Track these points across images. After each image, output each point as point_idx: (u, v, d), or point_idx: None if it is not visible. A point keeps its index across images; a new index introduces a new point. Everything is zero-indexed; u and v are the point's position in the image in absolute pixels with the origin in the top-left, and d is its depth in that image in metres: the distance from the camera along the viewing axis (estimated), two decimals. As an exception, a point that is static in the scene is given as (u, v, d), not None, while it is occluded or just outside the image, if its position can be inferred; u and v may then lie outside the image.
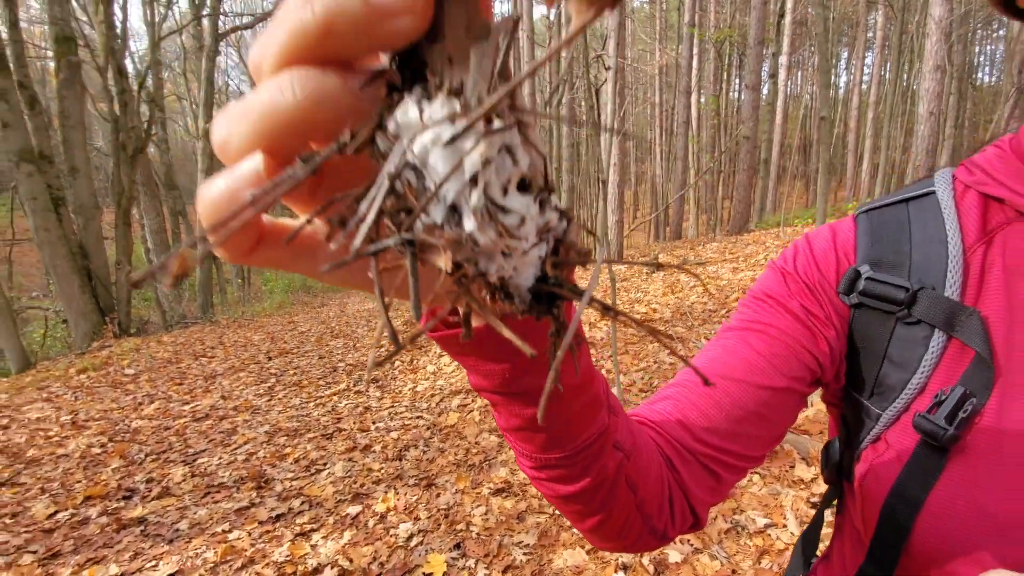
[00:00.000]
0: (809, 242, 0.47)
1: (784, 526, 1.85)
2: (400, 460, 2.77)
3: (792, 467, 2.16)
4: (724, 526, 1.88)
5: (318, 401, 3.98)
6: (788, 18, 12.96)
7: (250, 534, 2.19)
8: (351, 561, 1.95)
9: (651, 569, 1.73)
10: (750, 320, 0.46)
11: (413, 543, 2.03)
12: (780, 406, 0.44)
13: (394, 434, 3.11)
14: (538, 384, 0.27)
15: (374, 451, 2.92)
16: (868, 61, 22.10)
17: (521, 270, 0.15)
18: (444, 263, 0.14)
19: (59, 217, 6.72)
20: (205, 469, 2.89)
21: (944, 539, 0.36)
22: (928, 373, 0.38)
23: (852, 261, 0.43)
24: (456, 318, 0.18)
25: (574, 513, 0.38)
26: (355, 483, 2.57)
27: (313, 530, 2.19)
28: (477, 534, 2.04)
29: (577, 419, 0.31)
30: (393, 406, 3.63)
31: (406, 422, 3.29)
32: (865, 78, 21.07)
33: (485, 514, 2.16)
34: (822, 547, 0.56)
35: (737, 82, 20.43)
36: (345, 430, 3.29)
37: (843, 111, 23.49)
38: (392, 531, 2.12)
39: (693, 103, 15.34)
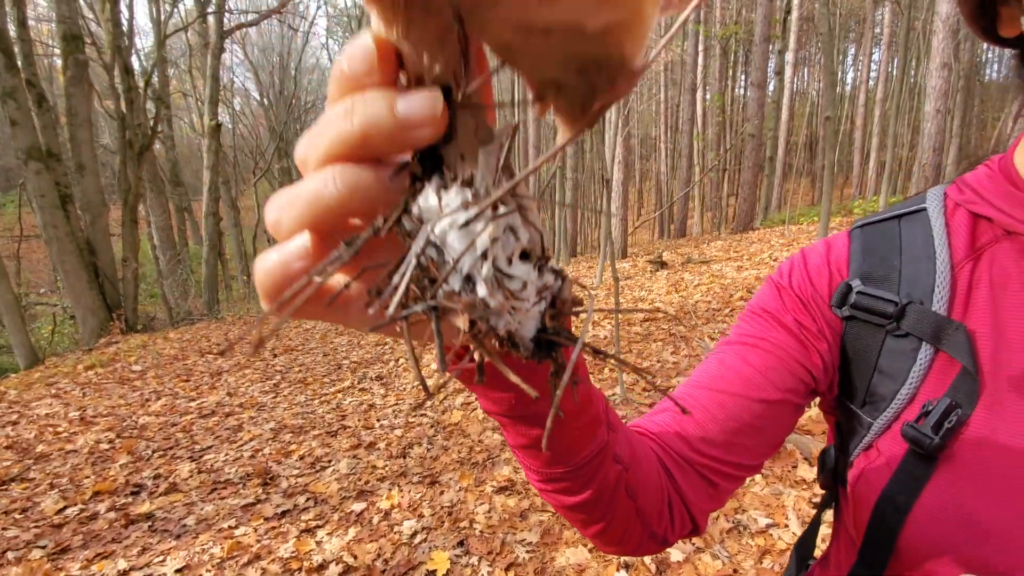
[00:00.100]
0: (804, 257, 0.48)
1: (786, 526, 1.85)
2: (404, 458, 2.80)
3: (795, 467, 2.17)
4: (726, 525, 1.89)
5: (323, 398, 4.01)
6: (795, 14, 12.87)
7: (256, 530, 2.21)
8: (356, 558, 1.97)
9: (653, 568, 1.74)
10: (747, 335, 0.48)
11: (417, 540, 2.05)
12: (775, 417, 0.45)
13: (398, 431, 3.13)
14: (542, 410, 0.29)
15: (378, 448, 2.94)
16: (875, 58, 21.95)
17: (525, 324, 0.18)
18: (462, 323, 0.17)
19: (67, 214, 6.78)
20: (211, 465, 2.92)
21: (930, 543, 0.37)
22: (916, 384, 0.40)
23: (845, 275, 0.45)
24: (471, 357, 0.21)
25: (579, 521, 0.40)
26: (360, 480, 2.59)
27: (318, 527, 2.22)
28: (480, 532, 2.06)
29: (577, 438, 0.34)
30: (397, 404, 3.65)
31: (410, 420, 3.31)
32: (872, 75, 20.94)
33: (488, 512, 2.17)
34: (823, 550, 0.57)
35: (743, 79, 20.31)
36: (350, 427, 3.32)
37: (850, 108, 23.32)
38: (396, 528, 2.14)
39: (698, 100, 15.28)
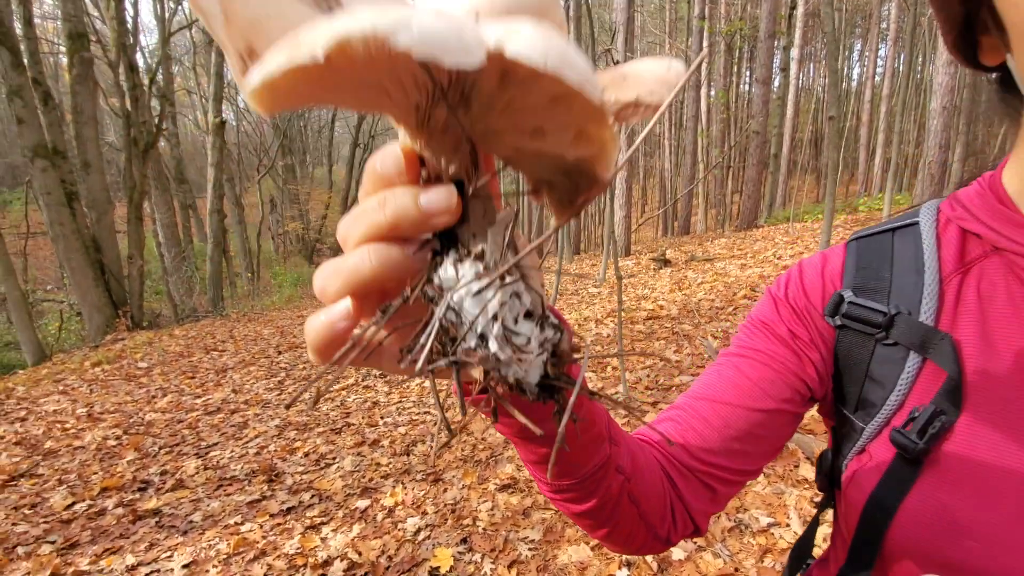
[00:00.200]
0: (801, 270, 0.50)
1: (787, 525, 1.86)
2: (408, 455, 2.82)
3: (796, 467, 2.17)
4: (728, 524, 1.90)
5: (327, 396, 4.03)
6: (800, 10, 12.79)
7: (262, 526, 2.24)
8: (360, 554, 1.99)
9: (655, 566, 1.76)
10: (744, 346, 0.50)
11: (420, 537, 2.07)
12: (771, 426, 0.47)
13: (402, 429, 3.15)
14: (549, 431, 0.32)
15: (382, 446, 2.96)
16: (881, 54, 21.77)
17: (530, 372, 0.21)
18: (478, 374, 0.21)
19: (73, 211, 6.82)
20: (217, 462, 2.95)
21: (915, 543, 0.39)
22: (905, 391, 0.41)
23: (839, 286, 0.46)
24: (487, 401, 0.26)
25: (587, 525, 0.44)
26: (364, 477, 2.61)
27: (323, 523, 2.24)
28: (483, 529, 2.07)
29: (581, 454, 0.37)
30: (401, 401, 3.67)
31: (413, 417, 3.33)
32: (878, 71, 20.75)
33: (491, 509, 2.19)
34: (824, 549, 0.58)
35: (748, 75, 20.19)
36: (354, 425, 3.34)
37: (855, 104, 23.17)
38: (400, 525, 2.16)
39: (703, 97, 15.21)
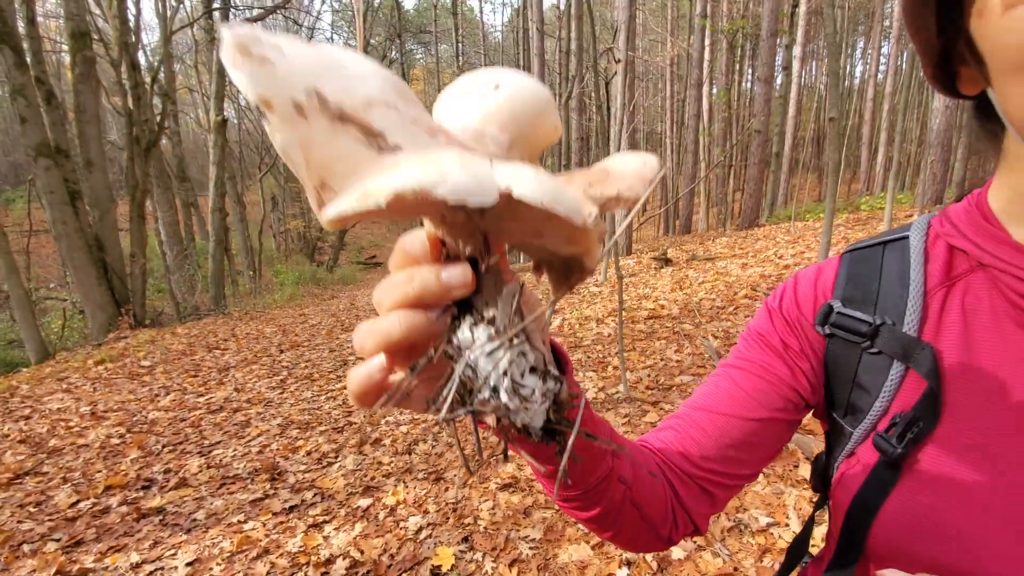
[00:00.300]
0: (796, 282, 0.52)
1: (787, 525, 1.87)
2: (409, 454, 2.83)
3: (796, 467, 2.19)
4: (727, 524, 1.91)
5: (329, 394, 4.06)
6: (803, 8, 12.74)
7: (265, 525, 2.26)
8: (362, 553, 2.01)
9: (654, 566, 1.77)
10: (741, 357, 0.53)
11: (422, 536, 2.09)
12: (765, 433, 0.50)
13: (403, 428, 3.17)
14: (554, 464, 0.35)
15: (384, 445, 2.98)
16: (884, 51, 21.69)
17: (535, 418, 0.25)
18: (491, 420, 0.25)
19: (75, 210, 6.84)
20: (220, 460, 2.97)
21: (894, 543, 0.41)
22: (889, 398, 0.44)
23: (829, 297, 0.49)
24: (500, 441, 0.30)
25: (594, 528, 0.48)
26: (366, 476, 2.63)
27: (325, 522, 2.26)
28: (485, 528, 2.09)
29: (584, 471, 0.41)
30: (402, 400, 3.68)
31: (415, 416, 3.35)
32: (881, 69, 20.67)
33: (492, 508, 2.20)
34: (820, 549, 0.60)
35: (750, 73, 20.13)
36: (356, 423, 3.36)
37: (858, 103, 23.09)
38: (402, 524, 2.18)
39: (704, 95, 15.18)
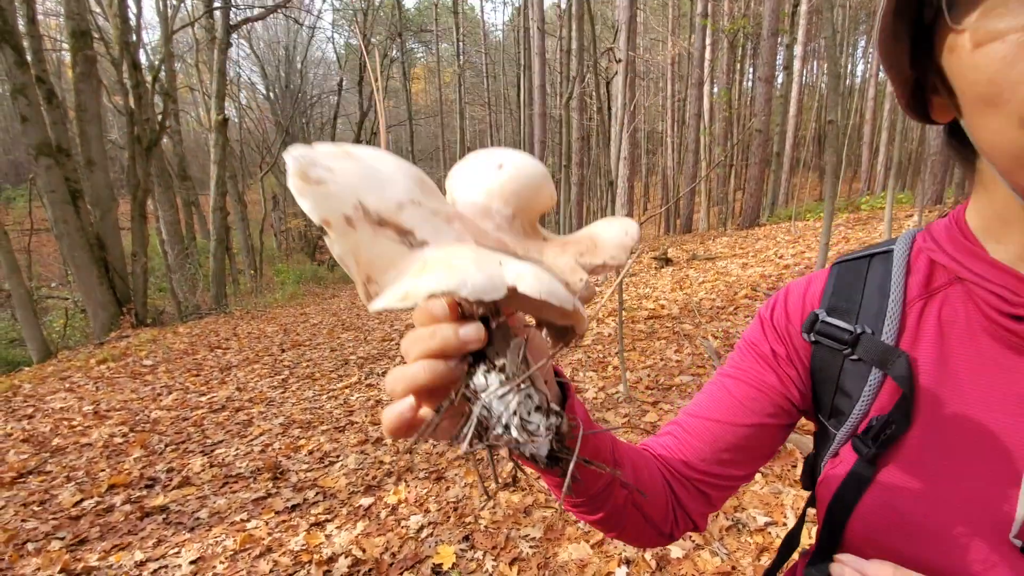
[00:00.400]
0: (787, 292, 0.55)
1: (784, 524, 1.89)
2: (410, 453, 2.85)
3: (794, 466, 2.20)
4: (725, 523, 1.93)
5: (331, 394, 4.07)
6: (803, 7, 12.74)
7: (267, 523, 2.28)
8: (364, 551, 2.03)
9: (653, 564, 1.79)
10: (735, 366, 0.56)
11: (423, 535, 2.11)
12: (760, 438, 0.53)
13: (405, 427, 3.19)
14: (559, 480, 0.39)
15: (385, 444, 3.00)
16: (885, 50, 21.54)
17: (541, 448, 0.30)
18: (504, 452, 0.30)
19: (77, 209, 6.85)
20: (223, 459, 2.99)
21: (870, 538, 0.44)
22: (868, 402, 0.46)
23: (816, 306, 0.52)
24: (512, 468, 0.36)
25: (600, 528, 0.52)
26: (367, 475, 2.65)
27: (327, 520, 2.28)
28: (485, 527, 2.11)
29: (587, 479, 0.45)
30: (403, 399, 3.70)
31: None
32: (882, 68, 20.57)
33: (493, 508, 2.22)
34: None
35: (751, 72, 20.10)
36: (357, 423, 3.38)
37: (859, 102, 23.05)
38: (403, 523, 2.20)
39: (705, 95, 15.16)
